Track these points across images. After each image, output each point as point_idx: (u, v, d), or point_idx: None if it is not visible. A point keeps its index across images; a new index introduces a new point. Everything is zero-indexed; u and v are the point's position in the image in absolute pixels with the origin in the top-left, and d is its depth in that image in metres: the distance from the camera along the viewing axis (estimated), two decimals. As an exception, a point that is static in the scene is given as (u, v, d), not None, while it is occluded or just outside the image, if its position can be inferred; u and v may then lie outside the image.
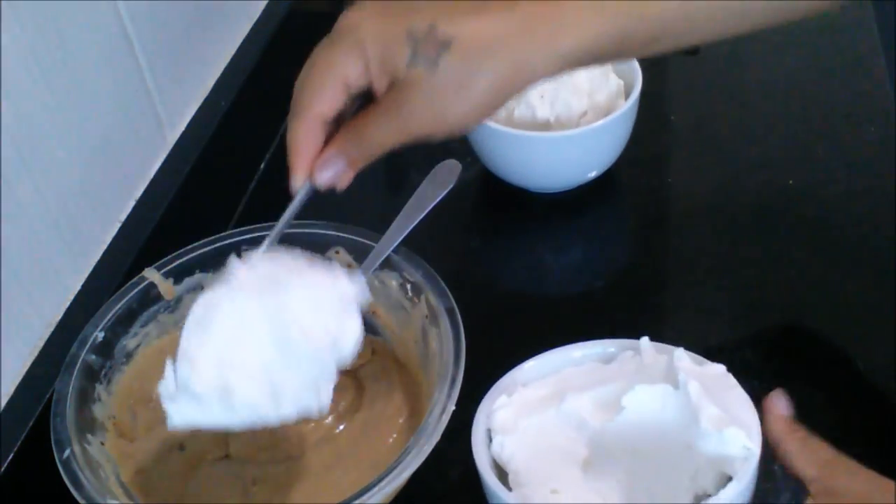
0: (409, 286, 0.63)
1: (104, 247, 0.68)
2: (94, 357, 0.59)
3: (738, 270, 0.73)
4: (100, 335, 0.60)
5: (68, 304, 0.64)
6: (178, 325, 0.65)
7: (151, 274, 0.63)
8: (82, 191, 0.65)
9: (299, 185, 0.51)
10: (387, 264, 0.63)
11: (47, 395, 0.58)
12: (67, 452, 0.53)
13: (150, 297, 0.63)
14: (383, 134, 0.51)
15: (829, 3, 0.58)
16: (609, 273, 0.78)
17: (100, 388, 0.59)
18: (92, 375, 0.59)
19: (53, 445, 0.54)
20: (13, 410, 0.58)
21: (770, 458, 0.58)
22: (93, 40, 0.65)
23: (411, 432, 0.56)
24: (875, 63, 0.91)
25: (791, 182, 0.80)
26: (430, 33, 0.48)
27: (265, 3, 0.92)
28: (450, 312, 0.59)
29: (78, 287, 0.65)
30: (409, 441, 0.53)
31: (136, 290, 0.62)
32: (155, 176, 0.74)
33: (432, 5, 0.50)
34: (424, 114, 0.50)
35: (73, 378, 0.57)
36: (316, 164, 0.51)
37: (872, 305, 0.69)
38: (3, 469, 0.55)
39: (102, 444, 0.57)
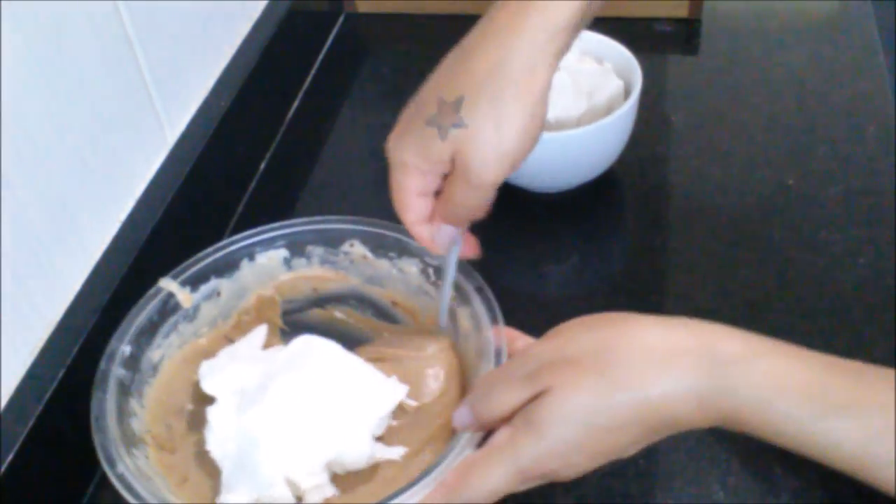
0: (430, 269, 0.63)
1: (104, 247, 0.68)
2: (123, 371, 0.59)
3: (737, 270, 0.73)
4: (126, 349, 0.59)
5: (68, 304, 0.64)
6: (197, 334, 0.65)
7: (168, 284, 0.63)
8: (82, 191, 0.65)
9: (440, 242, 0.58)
10: (405, 251, 0.63)
11: (47, 395, 0.58)
12: (121, 467, 0.53)
13: (168, 307, 0.63)
14: (464, 197, 0.55)
15: None
16: (609, 273, 0.78)
17: (133, 403, 0.59)
18: (124, 390, 0.58)
19: (104, 463, 0.53)
20: (13, 410, 0.58)
21: (770, 457, 0.58)
22: (93, 40, 0.65)
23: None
24: (875, 63, 0.91)
25: (791, 182, 0.80)
26: (441, 109, 0.53)
27: (265, 3, 0.92)
28: (479, 291, 0.60)
29: (78, 287, 0.65)
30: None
31: (154, 301, 0.62)
32: (155, 176, 0.74)
33: (434, 90, 0.55)
34: (485, 157, 0.53)
35: (108, 393, 0.57)
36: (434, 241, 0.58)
37: (872, 305, 0.69)
38: (3, 469, 0.55)
39: (147, 458, 0.57)
